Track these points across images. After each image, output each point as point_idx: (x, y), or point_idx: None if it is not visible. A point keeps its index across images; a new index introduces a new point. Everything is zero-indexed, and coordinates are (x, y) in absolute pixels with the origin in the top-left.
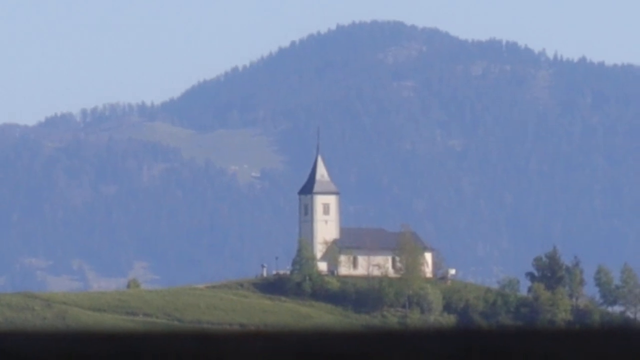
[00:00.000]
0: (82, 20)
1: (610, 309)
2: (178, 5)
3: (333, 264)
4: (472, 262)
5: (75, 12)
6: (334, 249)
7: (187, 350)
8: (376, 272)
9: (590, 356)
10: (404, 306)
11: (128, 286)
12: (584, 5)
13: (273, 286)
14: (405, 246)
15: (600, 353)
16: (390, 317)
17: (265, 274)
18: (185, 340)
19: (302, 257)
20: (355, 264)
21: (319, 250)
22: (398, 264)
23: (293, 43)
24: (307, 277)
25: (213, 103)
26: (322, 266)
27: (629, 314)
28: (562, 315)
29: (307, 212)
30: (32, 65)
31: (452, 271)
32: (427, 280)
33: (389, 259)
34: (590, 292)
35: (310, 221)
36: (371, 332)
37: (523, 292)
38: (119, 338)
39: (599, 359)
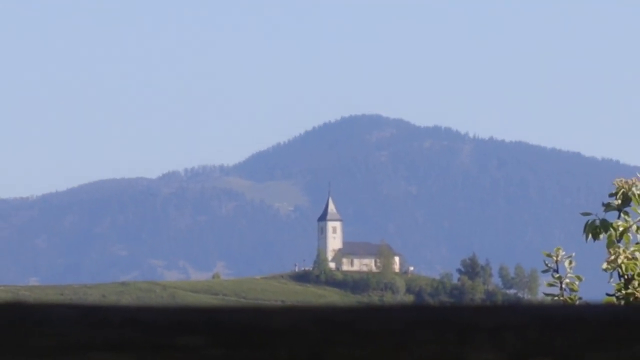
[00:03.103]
0: (178, 102)
1: (508, 291)
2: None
3: (339, 263)
4: (423, 263)
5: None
6: (339, 254)
7: (244, 318)
8: (365, 268)
9: (495, 320)
10: (381, 289)
11: (213, 277)
12: (492, 99)
13: (301, 277)
14: (382, 252)
15: (502, 319)
16: (374, 297)
17: (297, 269)
18: (245, 312)
19: (320, 259)
20: (352, 264)
21: (330, 255)
22: (378, 264)
23: (314, 127)
24: (323, 272)
25: (265, 164)
26: (332, 265)
27: (520, 295)
28: (479, 295)
29: (322, 232)
30: (157, 136)
31: (411, 268)
32: (396, 274)
33: (373, 260)
34: (495, 281)
35: (325, 238)
36: (363, 306)
37: (454, 281)
38: (206, 311)
39: (502, 322)
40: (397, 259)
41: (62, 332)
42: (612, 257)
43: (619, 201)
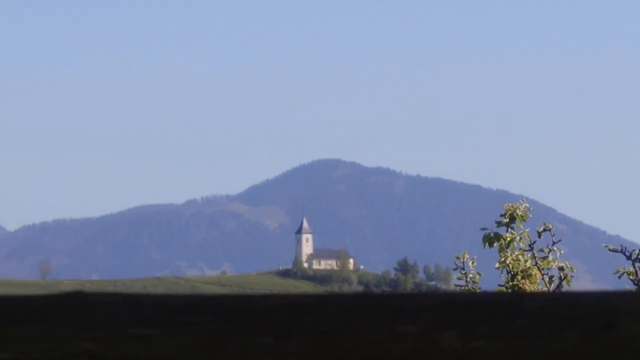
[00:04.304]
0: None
1: (429, 283)
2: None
3: (310, 264)
4: (370, 263)
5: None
6: (311, 258)
7: (241, 302)
8: (329, 267)
9: (417, 302)
10: (340, 282)
11: (221, 274)
12: (418, 147)
13: (284, 274)
14: (341, 256)
15: (421, 302)
16: (335, 288)
17: (281, 268)
18: (241, 297)
19: (297, 261)
20: (320, 264)
21: (304, 258)
22: (338, 264)
23: (293, 167)
24: (299, 270)
25: (258, 194)
26: (306, 265)
27: (438, 286)
28: (409, 286)
29: (299, 242)
30: (182, 173)
31: (362, 267)
32: (351, 271)
33: (334, 261)
34: (421, 276)
35: (300, 246)
36: (325, 294)
37: (392, 276)
38: (214, 297)
39: (421, 304)
40: (351, 260)
41: (110, 312)
42: (502, 259)
43: (507, 220)
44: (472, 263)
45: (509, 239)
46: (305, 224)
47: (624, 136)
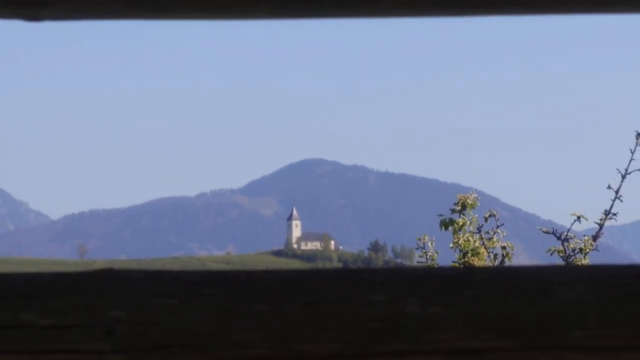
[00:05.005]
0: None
1: (396, 260)
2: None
3: (299, 245)
4: (348, 244)
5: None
6: (299, 240)
7: (242, 277)
8: (314, 248)
9: (386, 276)
10: (324, 260)
11: (226, 254)
12: (387, 148)
13: (277, 253)
14: (324, 238)
15: (389, 276)
16: (319, 265)
17: (275, 249)
18: (243, 272)
19: (288, 243)
20: (307, 245)
21: (294, 240)
22: (322, 245)
23: (285, 165)
24: (290, 250)
25: (256, 187)
26: (295, 246)
27: (404, 262)
28: (380, 263)
29: (289, 227)
30: (195, 170)
31: (341, 247)
32: (332, 251)
33: (319, 243)
34: (389, 254)
35: (291, 230)
36: (311, 269)
37: (366, 254)
38: (221, 273)
39: (389, 277)
40: (333, 242)
41: (136, 286)
42: (456, 240)
43: (460, 207)
44: (431, 244)
45: (461, 224)
46: (295, 212)
47: (556, 140)
